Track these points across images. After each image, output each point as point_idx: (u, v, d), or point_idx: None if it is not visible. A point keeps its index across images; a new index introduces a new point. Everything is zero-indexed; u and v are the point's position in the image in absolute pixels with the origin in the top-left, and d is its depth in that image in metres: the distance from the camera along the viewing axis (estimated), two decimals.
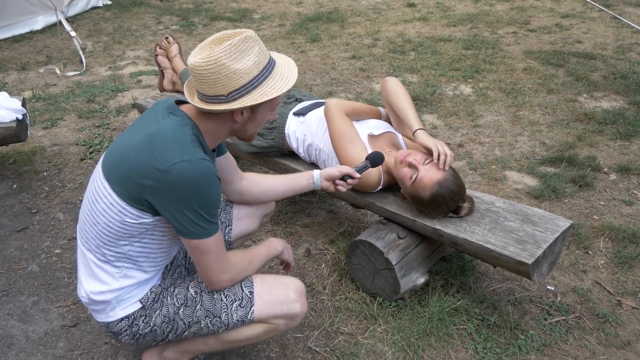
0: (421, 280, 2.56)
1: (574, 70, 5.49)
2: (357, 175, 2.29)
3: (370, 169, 2.38)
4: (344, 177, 2.29)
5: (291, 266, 2.28)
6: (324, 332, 2.51)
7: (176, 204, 1.69)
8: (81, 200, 3.45)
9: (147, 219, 1.76)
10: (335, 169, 2.29)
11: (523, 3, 8.23)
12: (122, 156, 1.75)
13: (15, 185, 3.66)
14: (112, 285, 1.86)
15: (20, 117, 3.39)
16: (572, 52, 6.03)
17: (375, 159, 2.35)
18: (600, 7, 7.42)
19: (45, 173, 3.82)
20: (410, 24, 7.32)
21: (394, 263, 2.44)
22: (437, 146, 2.38)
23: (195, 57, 1.70)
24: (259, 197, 2.33)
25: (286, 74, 1.82)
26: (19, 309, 2.65)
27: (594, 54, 5.95)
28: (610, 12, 7.31)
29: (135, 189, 1.71)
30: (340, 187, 2.29)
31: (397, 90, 2.65)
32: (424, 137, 2.46)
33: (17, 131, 3.35)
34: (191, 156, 1.68)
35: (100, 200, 1.79)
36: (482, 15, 7.60)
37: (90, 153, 4.06)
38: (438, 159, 2.37)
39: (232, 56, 1.68)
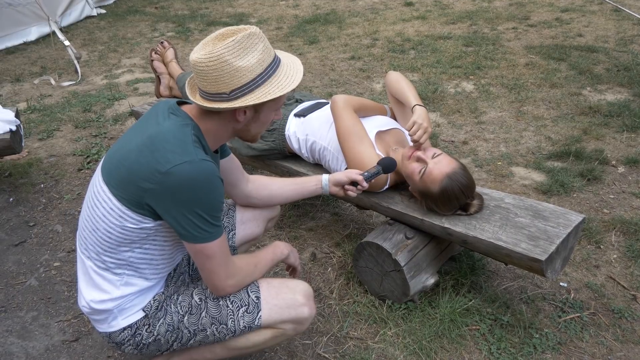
0: (431, 281, 2.50)
1: (577, 63, 5.43)
2: (365, 185, 2.25)
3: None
4: (353, 182, 2.26)
5: (298, 271, 2.22)
6: (332, 337, 2.45)
7: (178, 207, 1.63)
8: (79, 212, 3.38)
9: (149, 223, 1.70)
10: (344, 175, 2.27)
11: None
12: (121, 159, 1.69)
13: (11, 199, 3.60)
14: (113, 293, 1.79)
15: (13, 128, 3.32)
16: (574, 45, 5.98)
17: (388, 166, 2.32)
18: None
19: (42, 185, 3.75)
20: (408, 23, 7.27)
21: (402, 264, 2.37)
22: (417, 120, 2.36)
23: (198, 53, 1.64)
24: (265, 201, 2.28)
25: (291, 73, 1.75)
26: (18, 325, 2.59)
27: (595, 47, 5.89)
28: (611, 2, 7.26)
29: (135, 192, 1.65)
30: (350, 193, 2.27)
31: (398, 79, 2.65)
32: (416, 113, 2.42)
33: (12, 143, 3.29)
34: (193, 157, 1.62)
35: (99, 205, 1.73)
36: (481, 12, 7.56)
37: (88, 163, 4.00)
38: (412, 132, 2.35)
39: (235, 53, 1.61)
